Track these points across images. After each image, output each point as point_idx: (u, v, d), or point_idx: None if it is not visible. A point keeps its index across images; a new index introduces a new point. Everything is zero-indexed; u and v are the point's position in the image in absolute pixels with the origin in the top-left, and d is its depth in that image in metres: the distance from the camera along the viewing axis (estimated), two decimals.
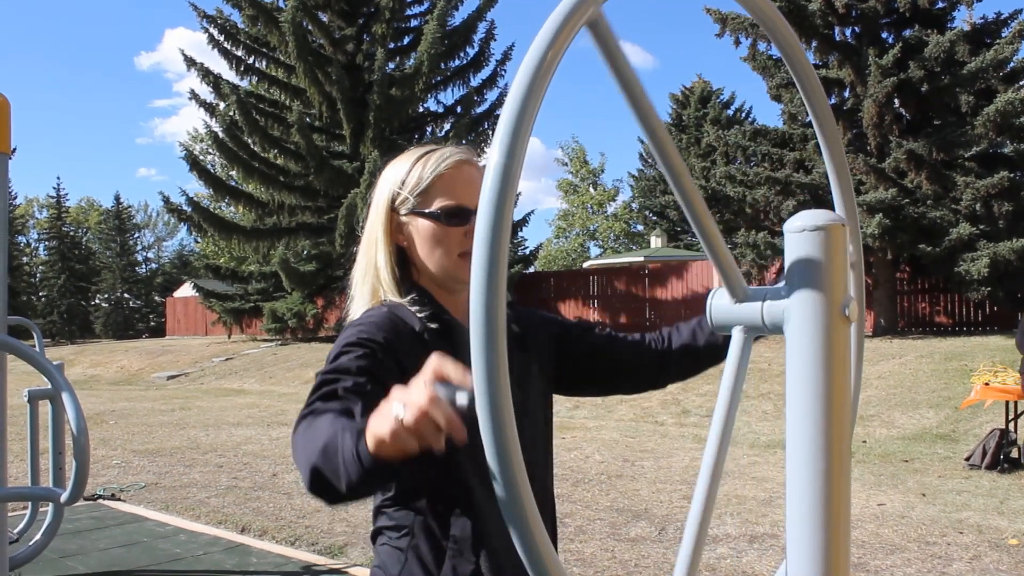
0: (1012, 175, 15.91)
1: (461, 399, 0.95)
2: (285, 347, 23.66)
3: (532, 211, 36.66)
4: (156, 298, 50.54)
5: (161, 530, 6.43)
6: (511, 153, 0.80)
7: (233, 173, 28.08)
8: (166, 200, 25.71)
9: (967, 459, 8.21)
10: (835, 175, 1.24)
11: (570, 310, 25.04)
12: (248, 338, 27.67)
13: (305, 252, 26.23)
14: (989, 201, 15.85)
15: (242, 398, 16.11)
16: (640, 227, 45.66)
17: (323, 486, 1.16)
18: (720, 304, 1.13)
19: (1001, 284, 15.81)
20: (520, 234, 44.75)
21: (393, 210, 1.57)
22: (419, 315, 1.54)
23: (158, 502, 7.35)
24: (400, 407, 0.98)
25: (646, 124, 0.96)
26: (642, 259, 29.16)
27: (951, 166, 16.58)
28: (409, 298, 1.55)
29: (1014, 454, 8.06)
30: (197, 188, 37.11)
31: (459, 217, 1.53)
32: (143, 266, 56.24)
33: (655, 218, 40.15)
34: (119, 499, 7.52)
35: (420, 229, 1.55)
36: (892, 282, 17.80)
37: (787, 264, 1.02)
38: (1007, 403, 8.23)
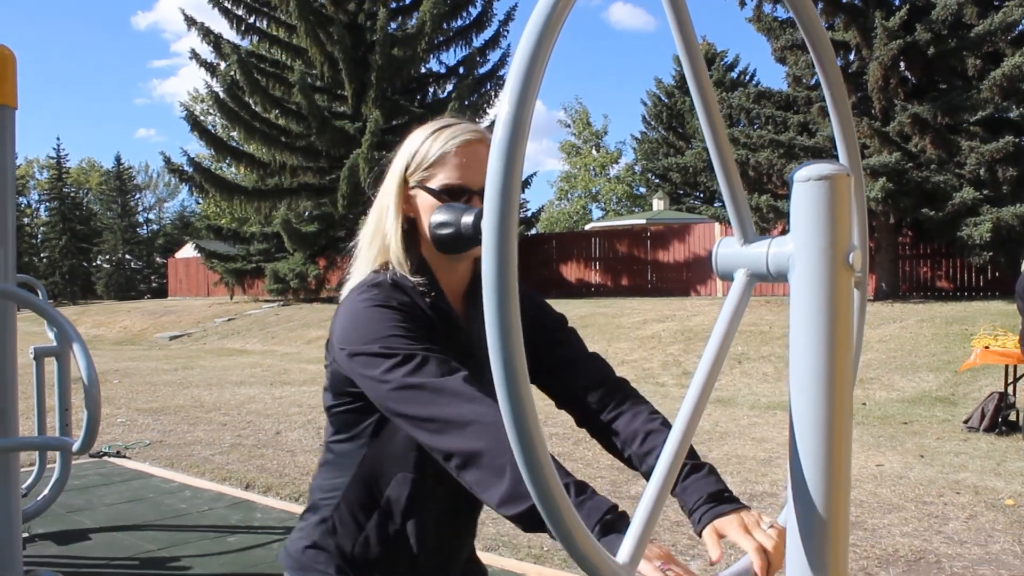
0: (1017, 140, 15.85)
1: None
2: (287, 308, 23.71)
3: (535, 173, 36.50)
4: (158, 259, 50.59)
5: (166, 486, 6.50)
6: (521, 101, 0.81)
7: (234, 134, 27.95)
8: (167, 161, 25.66)
9: (965, 422, 8.27)
10: (840, 128, 1.25)
11: (572, 272, 25.06)
12: (250, 299, 27.74)
13: (307, 213, 26.23)
14: (993, 166, 15.79)
15: (244, 358, 16.19)
16: (643, 190, 45.53)
17: (535, 523, 1.21)
18: (726, 251, 1.15)
19: (1003, 249, 15.79)
20: (522, 196, 44.60)
21: (405, 180, 1.59)
22: (420, 288, 1.57)
23: (163, 459, 7.41)
24: None
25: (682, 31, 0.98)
26: (644, 222, 29.12)
27: (956, 130, 16.51)
28: (411, 270, 1.58)
29: (1012, 417, 8.11)
30: (198, 149, 36.98)
31: (459, 196, 1.56)
32: (144, 227, 56.21)
33: (658, 181, 40.00)
34: (124, 456, 7.59)
35: (424, 203, 1.58)
36: (894, 246, 17.79)
37: (792, 213, 1.03)
38: (1006, 367, 8.27)
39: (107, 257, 49.52)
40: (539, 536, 4.97)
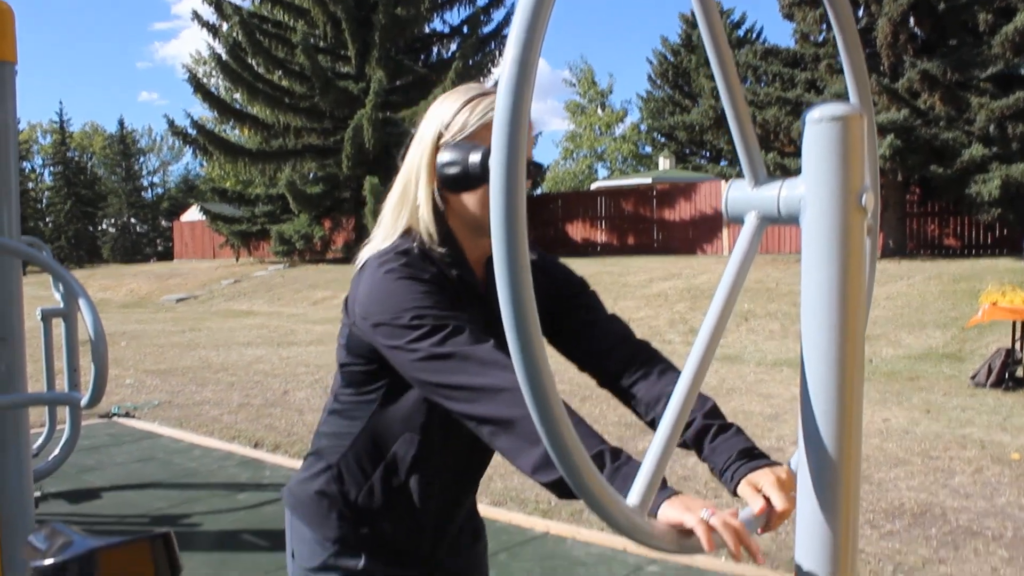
0: None
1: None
2: (293, 269, 23.73)
3: (540, 132, 36.30)
4: (163, 222, 50.56)
5: (176, 446, 6.55)
6: (528, 41, 0.79)
7: (237, 96, 27.81)
8: (171, 123, 25.55)
9: (972, 377, 8.27)
10: (851, 71, 1.23)
11: (578, 231, 25.01)
12: (256, 261, 27.74)
13: (312, 174, 26.15)
14: (1003, 123, 15.65)
15: (251, 319, 16.23)
16: (648, 149, 45.24)
17: (568, 491, 1.19)
18: (737, 194, 1.14)
19: (1012, 206, 15.70)
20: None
21: (437, 148, 1.56)
22: (446, 260, 1.56)
23: (172, 419, 7.46)
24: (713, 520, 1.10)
25: None
26: (650, 181, 28.99)
27: (966, 87, 16.34)
28: (438, 241, 1.56)
29: (1019, 373, 8.11)
30: (201, 112, 36.80)
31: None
32: (149, 191, 56.10)
33: (663, 140, 39.71)
34: (133, 417, 7.64)
35: (427, 164, 1.57)
36: (902, 204, 17.70)
37: (804, 154, 1.02)
38: (1014, 323, 8.25)
39: (112, 221, 49.51)
40: (547, 492, 5.00)
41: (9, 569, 2.13)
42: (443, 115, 1.56)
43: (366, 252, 1.59)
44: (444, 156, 1.51)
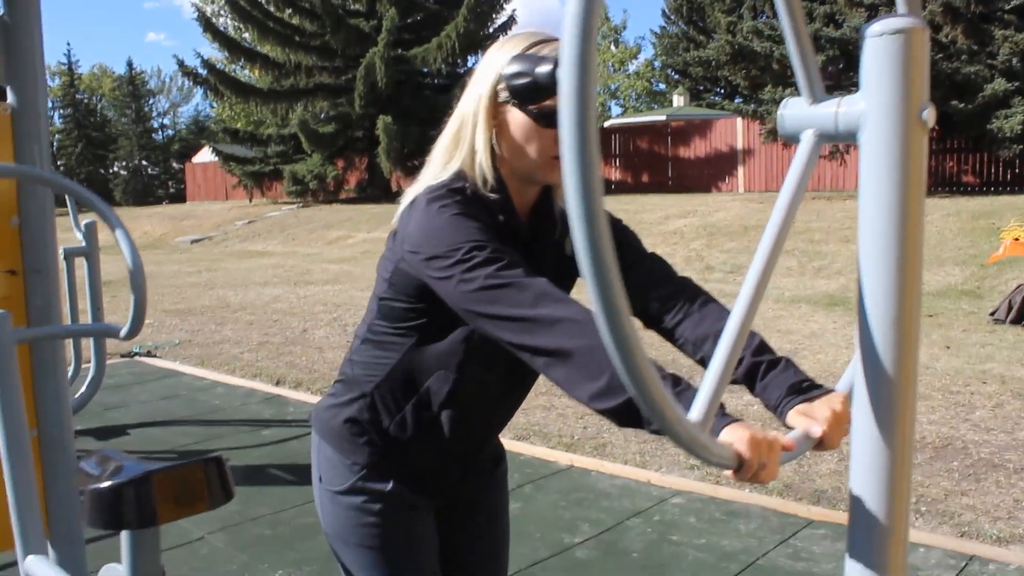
0: None
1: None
2: (306, 209, 23.72)
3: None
4: (174, 164, 50.43)
5: (198, 383, 6.61)
6: None
7: (247, 35, 27.54)
8: (181, 64, 25.34)
9: (992, 314, 8.24)
10: None
11: None
12: (269, 201, 27.73)
13: (324, 114, 25.97)
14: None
15: (267, 259, 16.27)
16: (662, 86, 44.73)
17: (631, 416, 1.24)
18: (793, 111, 1.12)
19: None
20: None
21: (496, 94, 1.54)
22: (496, 205, 1.56)
23: (193, 358, 7.52)
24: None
25: None
26: (664, 118, 28.71)
27: (989, 19, 16.02)
28: (490, 185, 1.56)
29: None
30: (210, 52, 36.42)
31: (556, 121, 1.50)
32: (159, 132, 55.90)
33: (677, 77, 39.22)
34: (155, 356, 7.71)
35: (517, 122, 1.54)
36: None
37: (864, 69, 0.99)
38: None
39: (124, 164, 49.40)
40: (568, 425, 5.04)
41: (52, 500, 2.16)
42: (505, 61, 1.53)
43: (414, 190, 1.58)
44: (512, 67, 1.49)
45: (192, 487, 1.37)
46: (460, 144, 1.57)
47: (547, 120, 1.50)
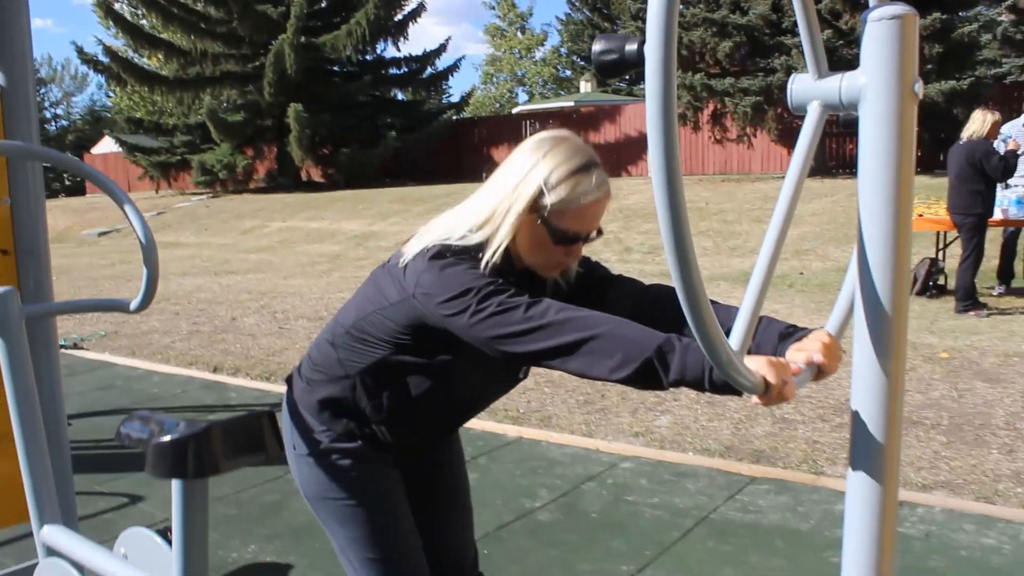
0: (942, 16, 16.10)
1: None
2: (217, 199, 23.33)
3: (463, 56, 35.89)
4: (70, 156, 48.71)
5: (133, 373, 6.56)
6: None
7: (145, 21, 26.90)
8: (80, 51, 24.62)
9: None
10: None
11: (503, 155, 24.30)
12: (176, 192, 27.16)
13: (232, 102, 25.53)
14: (920, 43, 16.05)
15: (181, 250, 16.01)
16: (569, 73, 45.15)
17: (650, 376, 1.44)
18: (801, 85, 1.30)
19: (926, 126, 16.22)
20: (447, 83, 44.10)
21: (535, 201, 1.67)
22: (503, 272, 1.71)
23: (123, 349, 7.44)
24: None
25: None
26: (573, 104, 29.04)
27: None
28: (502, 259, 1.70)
29: (942, 281, 8.55)
30: (105, 38, 35.27)
31: (570, 242, 1.71)
32: (53, 123, 54.04)
33: (583, 63, 39.68)
34: (82, 348, 7.59)
35: (535, 229, 1.69)
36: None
37: (865, 49, 1.18)
38: (937, 234, 8.66)
39: None
40: (512, 400, 5.20)
41: (39, 479, 2.20)
42: (548, 176, 1.67)
43: (433, 233, 1.72)
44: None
45: (249, 439, 1.48)
46: (490, 223, 1.69)
47: (564, 241, 1.69)
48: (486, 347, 1.59)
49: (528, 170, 1.69)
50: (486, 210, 1.71)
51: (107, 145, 36.05)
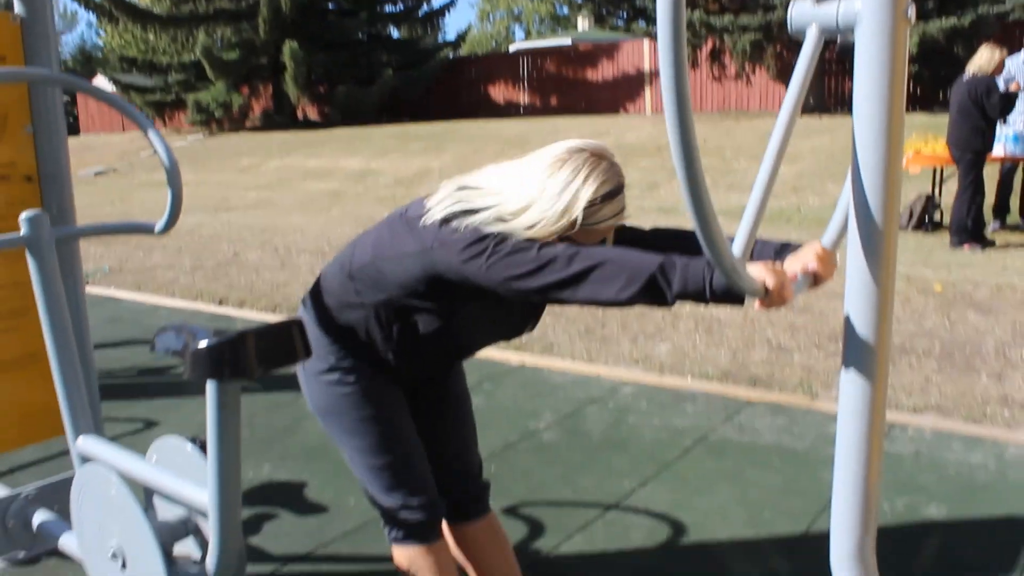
0: None
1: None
2: (214, 138, 23.22)
3: None
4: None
5: (139, 307, 6.66)
6: None
7: None
8: None
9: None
10: None
11: (500, 93, 24.85)
12: (172, 131, 26.95)
13: (226, 40, 25.26)
14: None
15: None
16: (565, 10, 44.59)
17: (655, 291, 1.56)
18: (800, 10, 1.38)
19: (927, 63, 16.14)
20: (443, 20, 43.58)
21: (578, 218, 1.74)
22: None
23: (128, 284, 7.53)
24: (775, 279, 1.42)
25: None
26: (570, 42, 28.76)
27: None
28: None
29: (937, 217, 8.65)
30: None
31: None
32: None
33: (580, 0, 39.19)
34: (88, 283, 7.67)
35: (552, 231, 1.76)
36: (820, 61, 17.92)
37: None
38: (934, 170, 8.73)
39: None
40: None
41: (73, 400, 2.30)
42: (588, 198, 1.73)
43: (449, 204, 1.81)
44: (595, 215, 1.75)
45: (279, 345, 1.58)
46: (517, 220, 1.75)
47: (598, 236, 1.80)
48: (502, 288, 1.71)
49: (565, 186, 1.75)
50: (516, 204, 1.78)
51: (99, 84, 35.74)
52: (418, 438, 2.08)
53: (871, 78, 1.28)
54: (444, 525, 2.16)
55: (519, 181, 1.79)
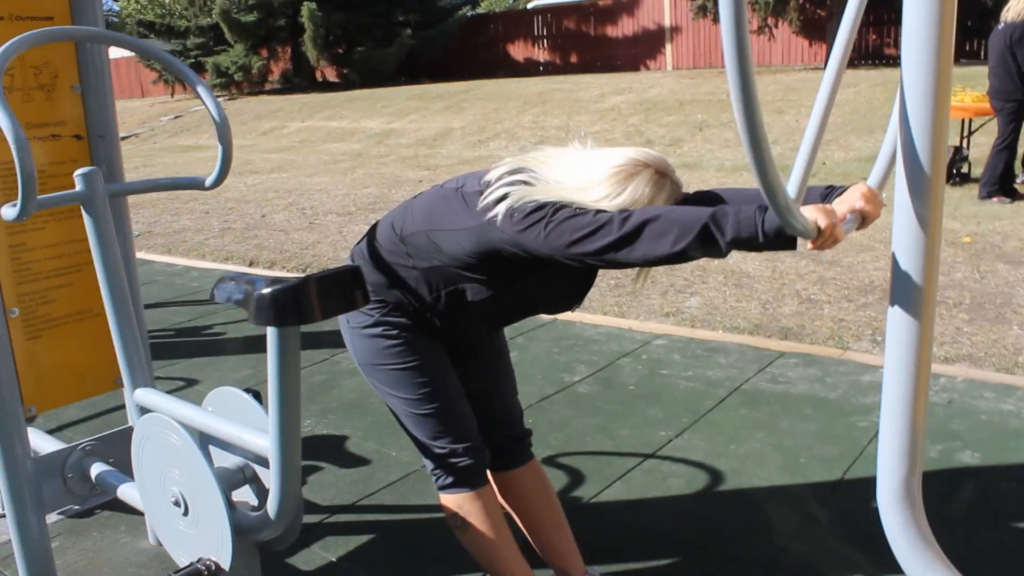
0: None
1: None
2: (234, 101, 23.23)
3: None
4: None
5: (171, 269, 6.74)
6: None
7: None
8: None
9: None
10: None
11: (519, 51, 24.71)
12: (192, 96, 27.00)
13: (243, 2, 25.18)
14: None
15: (202, 152, 16.08)
16: None
17: (709, 240, 1.59)
18: None
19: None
20: None
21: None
22: None
23: (158, 247, 7.61)
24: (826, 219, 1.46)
25: None
26: None
27: None
28: None
29: (965, 169, 8.57)
30: None
31: None
32: None
33: None
34: None
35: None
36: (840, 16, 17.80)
37: None
38: (962, 121, 8.64)
39: None
40: None
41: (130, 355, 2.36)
42: (644, 194, 1.78)
43: (515, 190, 1.83)
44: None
45: (340, 290, 1.62)
46: (588, 191, 1.80)
47: None
48: (560, 254, 1.75)
49: (628, 204, 1.78)
50: (580, 198, 1.80)
51: (116, 51, 35.68)
52: (460, 387, 2.14)
53: (920, 15, 1.30)
54: (489, 475, 2.22)
55: (579, 183, 1.82)
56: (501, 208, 1.81)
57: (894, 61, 17.86)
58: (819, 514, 2.70)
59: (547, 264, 1.85)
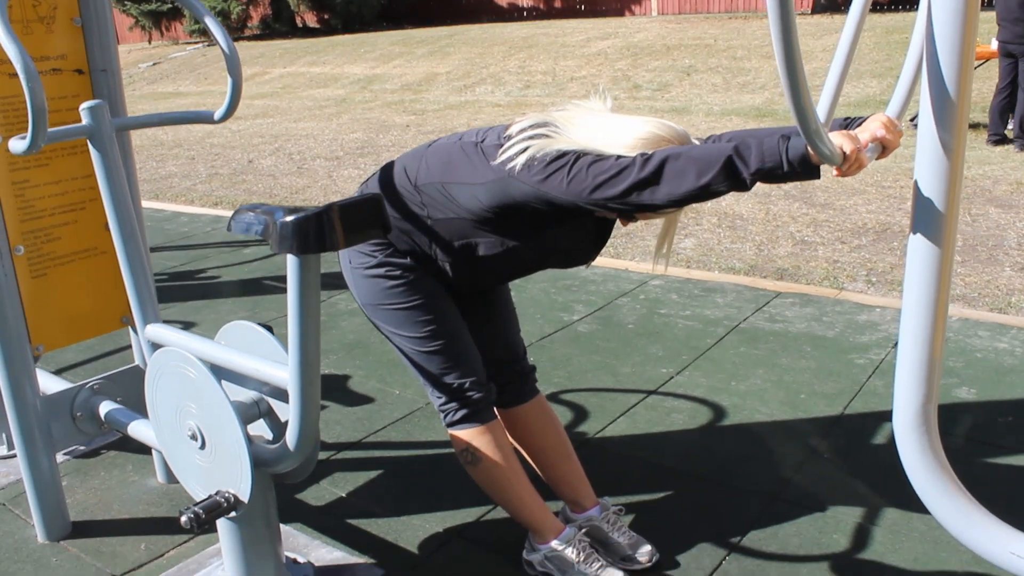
0: None
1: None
2: (214, 48, 22.86)
3: None
4: None
5: (159, 215, 6.68)
6: None
7: None
8: None
9: (912, 120, 8.70)
10: None
11: None
12: (170, 42, 26.58)
13: None
14: None
15: (183, 99, 15.87)
16: None
17: (733, 173, 1.60)
18: None
19: None
20: None
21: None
22: None
23: (145, 193, 7.52)
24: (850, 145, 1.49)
25: None
26: None
27: None
28: None
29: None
30: None
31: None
32: None
33: None
34: None
35: None
36: None
37: None
38: None
39: None
40: None
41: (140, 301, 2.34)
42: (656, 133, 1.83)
43: (539, 146, 1.82)
44: None
45: (364, 217, 1.61)
46: (602, 142, 1.81)
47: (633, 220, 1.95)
48: (584, 200, 1.75)
49: (640, 134, 1.81)
50: (595, 140, 1.82)
51: None
52: (464, 325, 2.14)
53: None
54: (497, 412, 2.24)
55: (600, 148, 1.81)
56: (521, 159, 1.81)
57: (883, 7, 17.75)
58: (821, 447, 2.74)
59: (564, 218, 1.85)
